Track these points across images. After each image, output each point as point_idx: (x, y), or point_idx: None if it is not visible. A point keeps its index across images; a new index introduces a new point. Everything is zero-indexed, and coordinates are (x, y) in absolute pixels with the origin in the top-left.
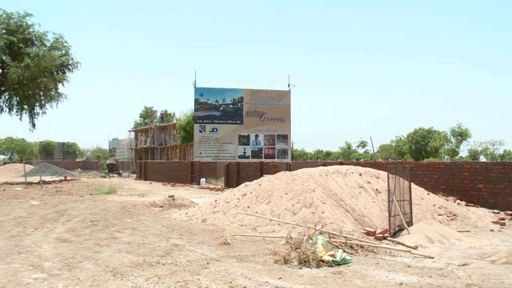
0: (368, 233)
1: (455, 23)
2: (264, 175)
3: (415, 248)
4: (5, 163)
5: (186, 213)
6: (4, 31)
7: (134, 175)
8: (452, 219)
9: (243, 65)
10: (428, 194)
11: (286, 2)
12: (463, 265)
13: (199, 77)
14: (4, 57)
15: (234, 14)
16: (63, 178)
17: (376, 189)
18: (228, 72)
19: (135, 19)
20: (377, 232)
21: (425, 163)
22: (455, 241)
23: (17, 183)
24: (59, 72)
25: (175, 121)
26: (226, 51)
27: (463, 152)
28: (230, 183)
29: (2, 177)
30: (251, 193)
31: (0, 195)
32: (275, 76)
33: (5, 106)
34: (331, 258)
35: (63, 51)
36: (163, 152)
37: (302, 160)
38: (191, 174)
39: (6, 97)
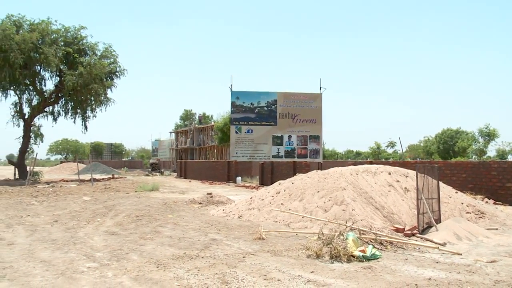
0: (397, 230)
1: (480, 23)
2: (296, 174)
3: (444, 244)
4: (61, 162)
5: (223, 210)
6: (62, 43)
7: (175, 174)
8: (480, 217)
9: (277, 70)
10: (456, 192)
11: (317, 11)
12: (492, 262)
13: (235, 81)
14: (62, 66)
15: (268, 23)
16: (111, 176)
17: (405, 188)
18: (263, 77)
19: (176, 29)
20: (406, 229)
21: (453, 163)
22: (483, 239)
23: (72, 181)
24: (108, 78)
25: (212, 123)
26: (261, 57)
27: (491, 152)
28: (265, 182)
29: (59, 175)
30: (284, 191)
31: (57, 191)
32: (307, 79)
33: (62, 110)
34: (361, 254)
35: (112, 59)
36: (202, 152)
37: (333, 160)
38: (228, 173)
39: (63, 102)
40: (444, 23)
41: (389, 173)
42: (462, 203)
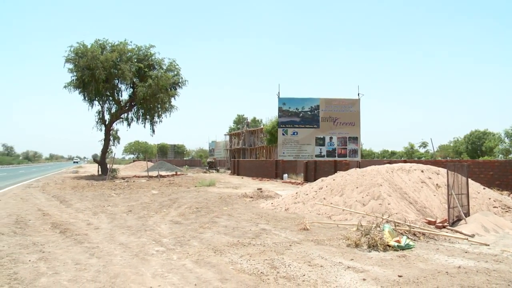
0: (429, 223)
1: (508, 25)
2: (337, 172)
3: (472, 236)
4: (133, 161)
5: (272, 203)
6: (135, 60)
7: (229, 171)
8: (507, 211)
9: (319, 79)
10: (484, 188)
11: (353, 27)
12: None
13: (282, 89)
14: (135, 79)
15: (310, 39)
16: (174, 173)
17: (436, 184)
18: (306, 85)
19: (230, 46)
20: (437, 222)
21: (481, 161)
22: (510, 231)
23: (142, 177)
24: (172, 88)
25: (262, 126)
26: (305, 68)
27: None
28: (309, 178)
29: (132, 172)
30: (326, 187)
31: (131, 185)
32: (346, 87)
33: (134, 117)
34: (396, 244)
35: (175, 72)
36: (252, 152)
37: (370, 159)
38: (276, 171)
39: (135, 110)
40: (472, 28)
41: (422, 171)
42: (490, 198)
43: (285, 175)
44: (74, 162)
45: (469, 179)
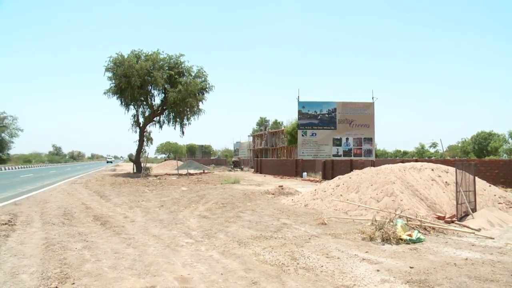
0: (439, 218)
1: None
2: (353, 170)
3: (479, 230)
4: (165, 160)
5: (292, 199)
6: (167, 68)
7: (252, 170)
8: (511, 207)
9: (336, 83)
10: (490, 186)
11: (368, 35)
12: None
13: (301, 93)
14: (166, 86)
15: (327, 46)
16: (202, 171)
17: (446, 182)
18: (324, 89)
19: (253, 54)
20: (446, 217)
21: (487, 160)
22: None
23: (173, 174)
24: (200, 93)
25: (283, 128)
26: (322, 73)
27: None
28: (326, 176)
29: (163, 170)
30: (343, 184)
31: (163, 182)
32: (361, 90)
33: (165, 119)
34: (408, 237)
35: (203, 78)
36: (274, 152)
37: (383, 158)
38: (296, 169)
39: (166, 113)
40: (479, 33)
41: (432, 170)
42: (495, 195)
43: (304, 174)
44: (107, 162)
45: (476, 177)
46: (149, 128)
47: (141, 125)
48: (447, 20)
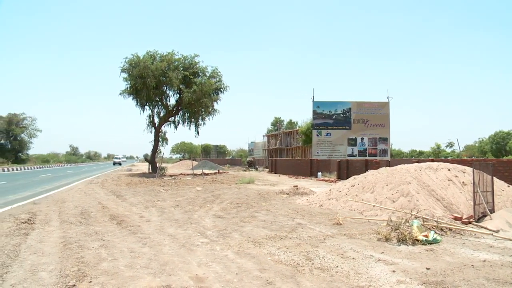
0: (456, 218)
1: None
2: (368, 170)
3: (497, 231)
4: (180, 160)
5: (307, 199)
6: (182, 68)
7: (267, 170)
8: None
9: (351, 83)
10: (508, 186)
11: (384, 34)
12: None
13: (316, 93)
14: (181, 86)
15: (343, 45)
16: (217, 171)
17: (463, 182)
18: (339, 89)
19: (268, 54)
20: (463, 218)
21: (506, 160)
22: None
23: (188, 174)
24: (214, 94)
25: (297, 128)
26: (337, 73)
27: None
28: (341, 176)
29: (178, 170)
30: (358, 184)
31: (178, 182)
32: (377, 90)
33: (180, 120)
34: (424, 238)
35: (217, 79)
36: (289, 152)
37: (399, 158)
38: (310, 169)
39: (181, 113)
40: (497, 31)
41: (449, 170)
42: None
43: (319, 173)
44: (114, 164)
45: (494, 178)
46: (164, 128)
47: (156, 125)
48: (464, 19)
